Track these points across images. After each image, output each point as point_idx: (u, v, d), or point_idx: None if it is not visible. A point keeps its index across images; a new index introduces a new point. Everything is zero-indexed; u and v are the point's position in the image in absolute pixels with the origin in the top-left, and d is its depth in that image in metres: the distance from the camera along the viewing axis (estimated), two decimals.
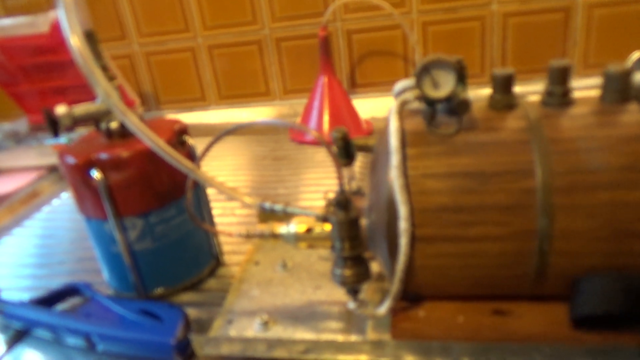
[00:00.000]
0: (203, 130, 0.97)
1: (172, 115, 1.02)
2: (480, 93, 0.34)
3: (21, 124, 0.92)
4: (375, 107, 0.91)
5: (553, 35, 0.88)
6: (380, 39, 0.92)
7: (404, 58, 0.93)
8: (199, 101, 1.03)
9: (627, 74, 0.30)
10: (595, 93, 0.33)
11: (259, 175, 0.73)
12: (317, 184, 0.67)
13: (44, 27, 0.78)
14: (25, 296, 0.46)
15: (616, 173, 0.28)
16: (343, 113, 0.82)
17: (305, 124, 0.84)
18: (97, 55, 0.41)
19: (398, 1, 0.88)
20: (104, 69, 0.41)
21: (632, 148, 0.28)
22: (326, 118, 0.82)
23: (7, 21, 0.78)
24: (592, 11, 0.85)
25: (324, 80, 0.83)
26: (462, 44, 0.91)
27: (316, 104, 0.83)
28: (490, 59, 0.91)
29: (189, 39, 0.98)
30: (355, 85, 0.96)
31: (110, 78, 0.41)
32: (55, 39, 0.79)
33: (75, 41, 0.32)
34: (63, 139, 0.80)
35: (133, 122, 0.33)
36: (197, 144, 0.46)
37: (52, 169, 0.78)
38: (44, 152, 0.82)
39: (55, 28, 0.78)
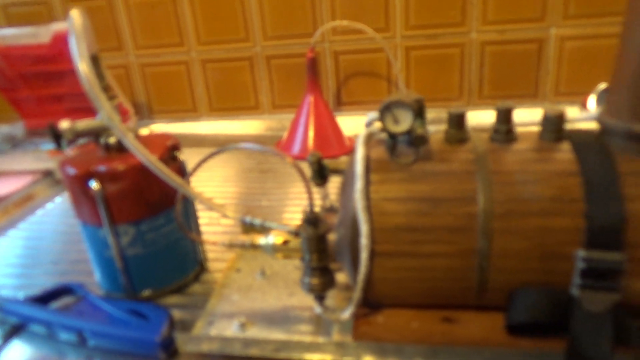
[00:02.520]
0: (194, 140, 1.01)
1: (163, 126, 1.06)
2: (439, 128, 0.39)
3: (18, 129, 0.95)
4: (359, 125, 0.96)
5: (527, 64, 0.94)
6: (366, 61, 0.97)
7: (388, 79, 0.98)
8: (191, 112, 1.07)
9: (561, 117, 0.35)
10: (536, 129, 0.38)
11: (245, 187, 0.77)
12: (300, 197, 0.71)
13: (46, 38, 0.82)
14: (19, 294, 0.50)
15: (546, 203, 0.33)
16: (327, 131, 0.87)
17: (291, 139, 0.88)
18: (100, 76, 0.45)
19: (383, 26, 0.94)
20: (106, 89, 0.45)
21: (560, 182, 0.33)
22: (311, 134, 0.87)
23: (10, 31, 0.82)
24: (564, 43, 0.91)
25: (310, 99, 0.88)
26: (443, 68, 0.96)
27: (302, 121, 0.88)
28: (469, 84, 0.97)
29: (184, 53, 1.02)
30: (341, 103, 1.01)
31: (111, 97, 0.45)
32: (55, 50, 0.83)
33: (83, 67, 0.36)
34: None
35: (130, 142, 0.37)
36: (188, 153, 0.50)
37: (47, 174, 0.81)
38: (39, 157, 0.85)
39: (57, 39, 0.82)
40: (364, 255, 0.35)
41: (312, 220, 0.35)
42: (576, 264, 0.33)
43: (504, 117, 0.36)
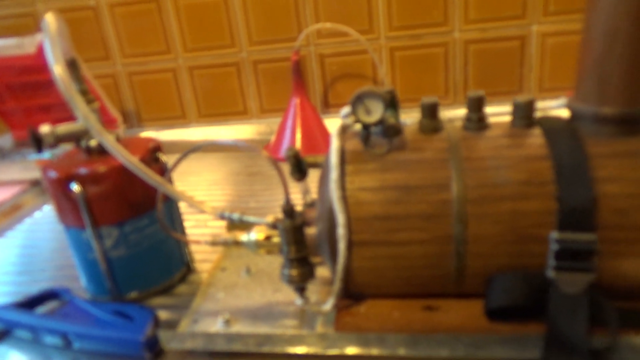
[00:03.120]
0: (183, 146, 1.01)
1: (153, 133, 1.07)
2: (411, 118, 0.39)
3: (5, 140, 0.95)
4: None
5: (510, 61, 0.95)
6: (351, 63, 0.98)
7: (374, 80, 0.99)
8: (180, 119, 1.08)
9: (531, 104, 0.36)
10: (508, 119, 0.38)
11: (233, 190, 0.77)
12: None
13: (31, 49, 0.82)
14: (7, 300, 0.50)
15: (517, 187, 0.34)
16: (314, 132, 0.88)
17: (279, 142, 0.89)
18: (79, 80, 0.46)
19: (367, 28, 0.95)
20: (84, 92, 0.46)
21: (530, 166, 0.34)
22: (298, 136, 0.87)
23: None
24: (546, 40, 0.92)
25: (296, 101, 0.88)
26: (427, 68, 0.97)
27: (289, 123, 0.88)
28: (454, 82, 0.97)
29: (170, 60, 1.03)
30: (328, 105, 1.02)
31: (90, 101, 0.46)
32: (41, 60, 0.84)
33: (57, 70, 0.37)
34: (46, 155, 0.84)
35: (108, 141, 0.38)
36: (168, 161, 0.50)
37: (35, 183, 0.82)
38: (27, 167, 0.86)
39: (42, 49, 0.82)
40: (341, 246, 0.35)
41: (288, 212, 0.35)
42: (550, 246, 0.33)
43: (476, 105, 0.37)
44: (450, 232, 0.34)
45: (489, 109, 0.38)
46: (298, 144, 0.87)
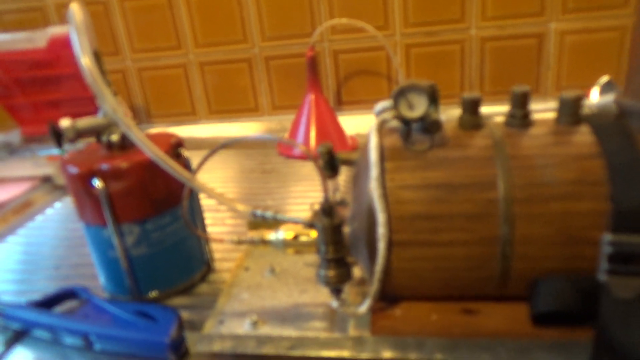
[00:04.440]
0: (193, 143, 1.00)
1: (162, 129, 1.05)
2: (451, 113, 0.38)
3: (14, 136, 0.93)
4: (360, 124, 0.95)
5: (528, 59, 0.93)
6: (366, 59, 0.97)
7: (388, 77, 0.98)
8: (190, 115, 1.06)
9: (578, 100, 0.35)
10: (551, 115, 0.37)
11: (247, 187, 0.76)
12: (303, 197, 0.70)
13: (41, 43, 0.80)
14: (21, 299, 0.48)
15: (567, 186, 0.32)
16: (329, 129, 0.86)
17: (293, 139, 0.87)
18: (102, 72, 0.44)
19: (382, 24, 0.93)
20: (108, 84, 0.44)
21: (580, 165, 0.32)
22: (313, 134, 0.86)
23: (5, 36, 0.81)
24: (564, 38, 0.90)
25: (311, 97, 0.87)
26: (443, 65, 0.96)
27: (303, 120, 0.87)
28: (469, 80, 0.96)
29: (181, 56, 1.01)
30: (342, 102, 1.00)
31: (114, 93, 0.44)
32: (52, 54, 0.82)
33: (86, 61, 0.35)
34: (56, 150, 0.83)
35: (137, 136, 0.36)
36: (188, 157, 0.49)
37: (46, 179, 0.80)
38: (37, 163, 0.84)
39: (53, 43, 0.81)
40: (381, 245, 0.34)
41: (327, 210, 0.34)
42: (602, 249, 0.32)
43: (520, 101, 0.35)
44: (497, 233, 0.33)
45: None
46: (312, 141, 0.86)
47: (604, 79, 0.83)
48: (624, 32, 0.89)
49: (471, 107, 0.36)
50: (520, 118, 0.35)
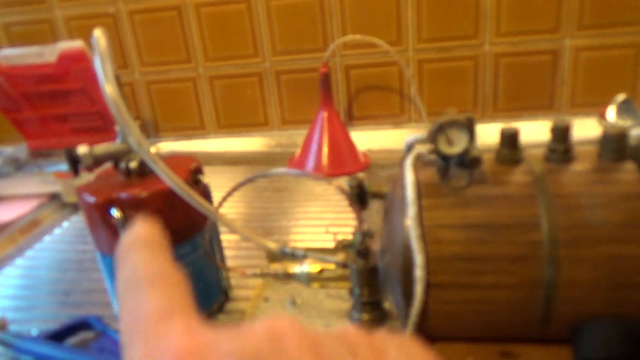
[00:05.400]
0: (202, 158, 0.98)
1: (170, 144, 1.04)
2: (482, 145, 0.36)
3: (21, 150, 0.92)
4: (372, 140, 0.94)
5: (542, 75, 0.92)
6: (377, 75, 0.96)
7: (400, 93, 0.96)
8: (198, 129, 1.05)
9: (623, 135, 0.33)
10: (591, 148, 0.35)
11: (260, 207, 0.74)
12: (319, 217, 0.68)
13: (52, 57, 0.79)
14: (32, 329, 0.47)
15: (615, 228, 0.31)
16: (342, 147, 0.85)
17: (304, 156, 0.86)
18: (123, 96, 0.43)
19: (395, 39, 0.92)
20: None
21: (629, 205, 0.31)
22: (325, 151, 0.84)
23: (15, 51, 0.80)
24: (579, 54, 0.89)
25: (323, 115, 0.85)
26: (456, 81, 0.94)
27: (316, 137, 0.85)
28: (483, 96, 0.95)
29: (191, 69, 1.00)
30: (353, 117, 0.99)
31: (135, 118, 0.43)
32: (61, 69, 0.81)
33: (109, 89, 0.34)
34: (64, 167, 0.81)
35: (162, 168, 0.35)
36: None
37: (54, 197, 0.78)
38: (45, 179, 0.82)
39: (63, 58, 0.79)
40: (419, 288, 0.32)
41: (362, 251, 0.32)
42: None
43: (561, 135, 0.34)
44: (540, 276, 0.31)
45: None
46: (325, 158, 0.84)
47: (621, 97, 0.82)
48: (639, 49, 0.88)
49: (510, 140, 0.34)
50: (561, 153, 0.34)
